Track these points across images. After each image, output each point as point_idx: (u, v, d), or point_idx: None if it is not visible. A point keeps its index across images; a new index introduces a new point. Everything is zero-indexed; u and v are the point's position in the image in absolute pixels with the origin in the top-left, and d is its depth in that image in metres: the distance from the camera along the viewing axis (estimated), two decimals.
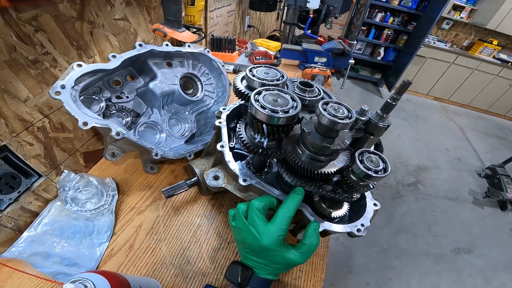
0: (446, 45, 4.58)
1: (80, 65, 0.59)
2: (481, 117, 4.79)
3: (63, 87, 0.54)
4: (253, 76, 0.49)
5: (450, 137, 3.88)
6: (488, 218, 2.58)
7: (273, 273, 0.45)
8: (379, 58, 4.81)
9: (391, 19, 4.35)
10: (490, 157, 3.55)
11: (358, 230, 0.47)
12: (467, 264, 2.11)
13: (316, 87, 0.55)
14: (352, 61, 1.50)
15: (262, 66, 0.53)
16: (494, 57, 4.35)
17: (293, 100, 0.42)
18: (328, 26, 1.87)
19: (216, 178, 0.55)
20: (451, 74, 4.55)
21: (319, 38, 1.88)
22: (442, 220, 2.46)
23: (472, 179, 3.07)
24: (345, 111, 0.38)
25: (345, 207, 0.55)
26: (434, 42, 4.49)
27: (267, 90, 0.43)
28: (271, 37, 2.17)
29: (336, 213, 0.53)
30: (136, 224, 0.64)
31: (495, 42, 4.30)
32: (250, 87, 0.50)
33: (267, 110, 0.39)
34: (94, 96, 0.68)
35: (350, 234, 0.48)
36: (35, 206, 0.64)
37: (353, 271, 1.91)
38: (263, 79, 0.48)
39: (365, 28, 4.52)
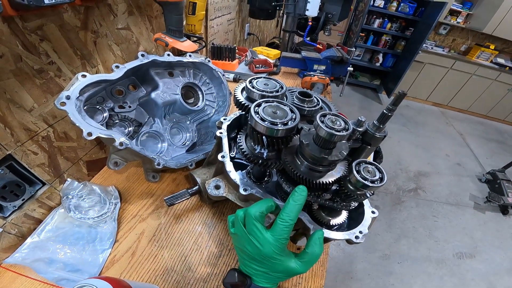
0: (443, 50, 4.62)
1: (84, 76, 0.60)
2: (481, 122, 4.81)
3: (68, 97, 0.55)
4: (253, 87, 0.50)
5: (449, 143, 3.89)
6: (489, 222, 2.58)
7: (272, 281, 0.44)
8: (378, 64, 4.84)
9: (389, 25, 4.40)
10: (490, 162, 3.55)
11: (357, 237, 0.48)
12: (470, 269, 2.11)
13: (314, 97, 0.56)
14: (350, 68, 1.53)
15: (261, 77, 0.54)
16: (491, 61, 4.38)
17: (292, 112, 0.43)
18: (326, 33, 1.90)
19: (217, 187, 0.56)
20: (450, 79, 4.57)
21: (318, 45, 1.91)
22: (443, 225, 2.46)
23: (473, 184, 3.08)
24: (342, 123, 0.39)
25: (344, 214, 0.56)
26: (432, 48, 4.54)
27: (266, 102, 0.44)
28: (271, 45, 2.20)
29: (335, 221, 0.54)
30: (138, 231, 0.65)
31: (492, 47, 4.34)
32: (250, 99, 0.51)
33: (266, 122, 0.40)
34: (97, 106, 0.70)
35: (348, 241, 0.48)
36: (38, 213, 0.65)
37: (354, 277, 1.90)
38: (262, 91, 0.50)
39: (363, 34, 4.56)
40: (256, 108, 0.42)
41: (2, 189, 0.56)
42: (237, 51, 1.57)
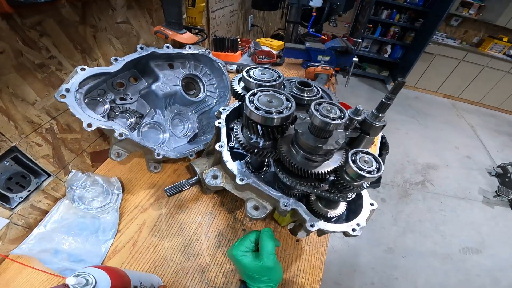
0: (455, 42, 4.47)
1: (83, 69, 0.61)
2: (492, 115, 4.67)
3: (67, 90, 0.56)
4: (250, 77, 0.50)
5: (460, 135, 3.80)
6: (498, 217, 2.53)
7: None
8: (386, 55, 4.74)
9: (397, 16, 4.28)
10: (501, 155, 3.45)
11: (353, 229, 0.47)
12: (476, 264, 2.07)
13: (314, 86, 0.55)
14: (356, 59, 1.49)
15: (259, 67, 0.53)
16: (505, 53, 4.23)
17: (288, 100, 0.43)
18: (332, 24, 1.86)
19: (214, 177, 0.56)
20: (461, 71, 4.44)
21: (322, 36, 1.87)
22: (450, 220, 2.42)
23: (482, 177, 3.00)
24: (338, 111, 0.38)
25: (342, 206, 0.55)
26: (443, 39, 4.39)
27: (262, 91, 0.44)
28: (276, 36, 2.17)
29: (333, 213, 0.53)
30: (139, 222, 0.66)
31: (505, 39, 4.18)
32: (247, 88, 0.51)
33: (261, 111, 0.39)
34: (98, 98, 0.70)
35: (345, 234, 0.48)
36: (44, 204, 0.67)
37: (358, 270, 1.90)
38: (259, 80, 0.49)
39: (371, 26, 4.45)
40: (251, 97, 0.42)
41: (8, 180, 0.58)
42: (240, 42, 1.55)
